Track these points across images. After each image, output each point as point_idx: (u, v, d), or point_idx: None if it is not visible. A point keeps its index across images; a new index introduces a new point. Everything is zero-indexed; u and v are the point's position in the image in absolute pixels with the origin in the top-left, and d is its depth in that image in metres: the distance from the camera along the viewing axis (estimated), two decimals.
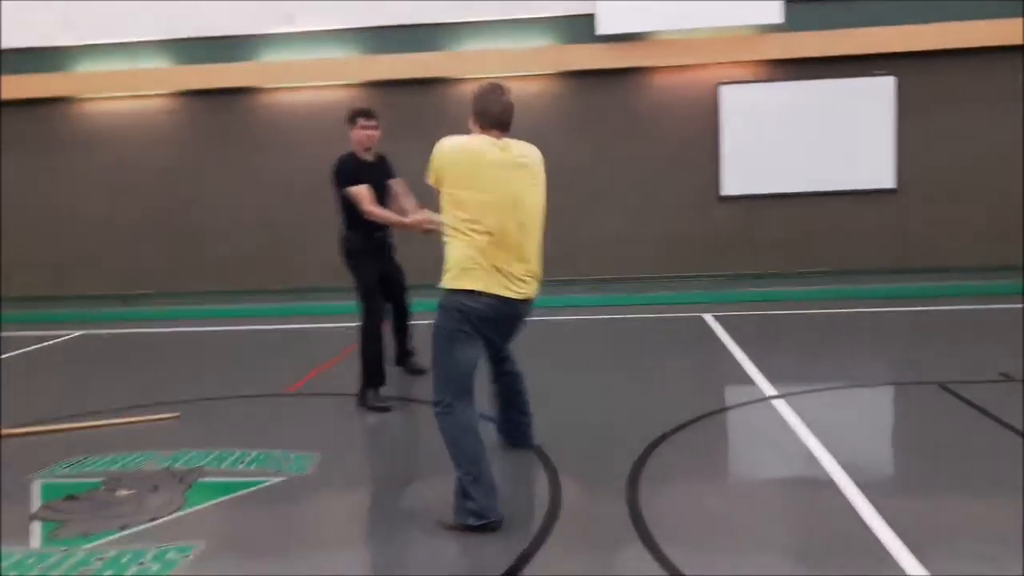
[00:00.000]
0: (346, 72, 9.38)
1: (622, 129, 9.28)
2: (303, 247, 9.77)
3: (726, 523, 3.27)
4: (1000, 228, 8.97)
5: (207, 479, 3.92)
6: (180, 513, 3.53)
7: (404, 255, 5.56)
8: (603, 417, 4.70)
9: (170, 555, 3.13)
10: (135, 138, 9.82)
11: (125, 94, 9.60)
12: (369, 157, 5.27)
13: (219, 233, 9.85)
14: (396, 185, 5.36)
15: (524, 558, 3.00)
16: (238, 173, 9.81)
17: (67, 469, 4.14)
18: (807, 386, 5.07)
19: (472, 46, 9.27)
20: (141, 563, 3.07)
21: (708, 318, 7.48)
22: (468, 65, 9.23)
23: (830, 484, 3.55)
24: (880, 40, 8.66)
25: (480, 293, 3.31)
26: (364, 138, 5.23)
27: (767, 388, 5.06)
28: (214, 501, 3.65)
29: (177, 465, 4.12)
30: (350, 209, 5.16)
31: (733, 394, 5.15)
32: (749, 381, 5.27)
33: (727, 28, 8.72)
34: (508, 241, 3.33)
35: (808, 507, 3.43)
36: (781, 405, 4.73)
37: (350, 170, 5.16)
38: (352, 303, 5.27)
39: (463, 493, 3.27)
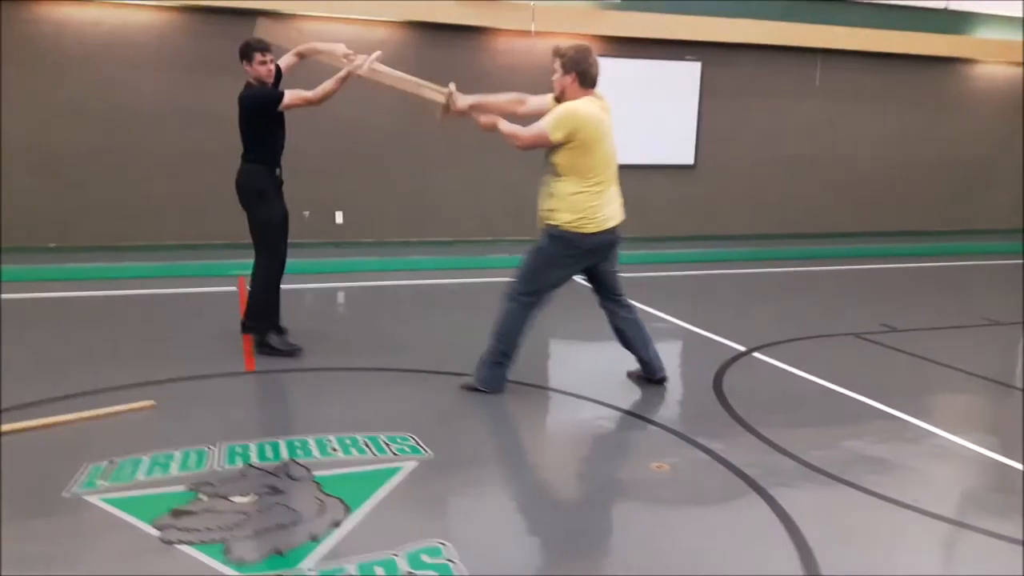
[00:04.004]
0: None
1: (465, 90, 9.13)
2: (94, 196, 8.18)
3: (863, 457, 3.65)
4: (775, 203, 10.65)
5: (327, 472, 3.30)
6: (359, 514, 2.96)
7: None
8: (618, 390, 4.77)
9: (424, 557, 2.66)
10: None
11: None
12: None
13: None
14: None
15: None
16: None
17: (106, 481, 3.18)
18: (763, 340, 5.65)
19: None
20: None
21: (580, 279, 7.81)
22: (308, 0, 8.36)
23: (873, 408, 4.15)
24: (693, 28, 9.60)
25: (594, 233, 4.12)
26: (265, 73, 4.87)
27: (732, 343, 5.55)
28: (375, 495, 3.11)
29: (256, 461, 3.40)
30: (259, 140, 4.86)
31: (714, 352, 5.41)
32: (705, 338, 5.73)
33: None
34: (611, 181, 4.19)
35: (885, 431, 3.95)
36: (764, 356, 5.26)
37: (269, 90, 4.81)
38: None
39: (490, 364, 4.26)
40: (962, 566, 2.83)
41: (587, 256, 4.24)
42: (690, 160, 10.18)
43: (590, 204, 4.09)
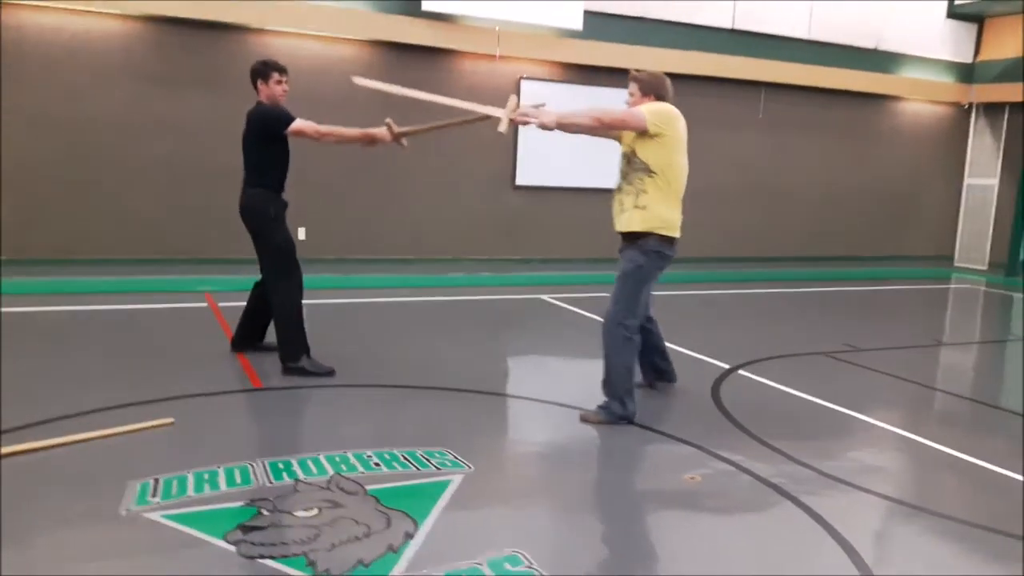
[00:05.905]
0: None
1: (431, 112, 9.20)
2: (50, 207, 7.87)
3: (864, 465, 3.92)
4: (718, 227, 11.11)
5: (378, 486, 3.33)
6: (427, 525, 3.01)
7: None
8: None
9: (507, 566, 2.73)
10: None
11: None
12: None
13: None
14: None
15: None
16: None
17: (157, 498, 3.12)
18: (743, 359, 5.93)
19: None
20: None
21: (548, 299, 8.00)
22: (276, 15, 8.31)
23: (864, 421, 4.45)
24: (647, 58, 9.97)
25: (676, 239, 4.34)
26: (280, 93, 4.94)
27: (715, 361, 5.81)
28: (436, 507, 3.16)
29: (302, 476, 3.40)
30: (267, 162, 4.83)
31: (700, 369, 5.65)
32: (686, 355, 5.96)
33: (535, 26, 9.26)
34: (681, 194, 4.37)
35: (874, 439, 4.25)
36: (749, 374, 5.53)
37: (282, 110, 4.83)
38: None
39: (620, 401, 4.30)
40: (999, 567, 3.09)
41: (666, 265, 4.39)
42: None
43: (678, 207, 4.30)
